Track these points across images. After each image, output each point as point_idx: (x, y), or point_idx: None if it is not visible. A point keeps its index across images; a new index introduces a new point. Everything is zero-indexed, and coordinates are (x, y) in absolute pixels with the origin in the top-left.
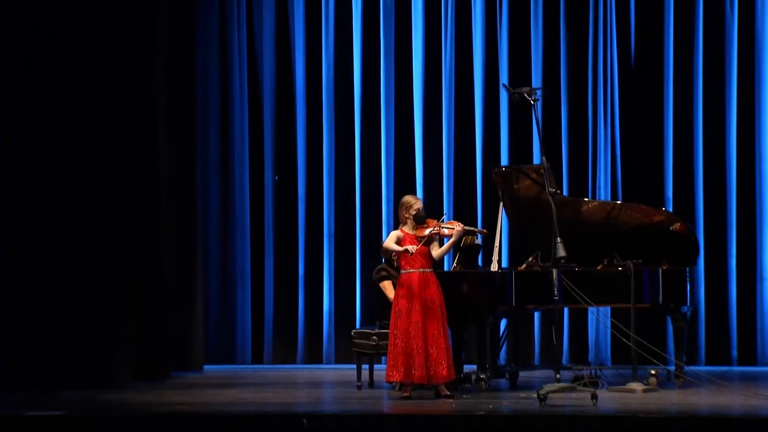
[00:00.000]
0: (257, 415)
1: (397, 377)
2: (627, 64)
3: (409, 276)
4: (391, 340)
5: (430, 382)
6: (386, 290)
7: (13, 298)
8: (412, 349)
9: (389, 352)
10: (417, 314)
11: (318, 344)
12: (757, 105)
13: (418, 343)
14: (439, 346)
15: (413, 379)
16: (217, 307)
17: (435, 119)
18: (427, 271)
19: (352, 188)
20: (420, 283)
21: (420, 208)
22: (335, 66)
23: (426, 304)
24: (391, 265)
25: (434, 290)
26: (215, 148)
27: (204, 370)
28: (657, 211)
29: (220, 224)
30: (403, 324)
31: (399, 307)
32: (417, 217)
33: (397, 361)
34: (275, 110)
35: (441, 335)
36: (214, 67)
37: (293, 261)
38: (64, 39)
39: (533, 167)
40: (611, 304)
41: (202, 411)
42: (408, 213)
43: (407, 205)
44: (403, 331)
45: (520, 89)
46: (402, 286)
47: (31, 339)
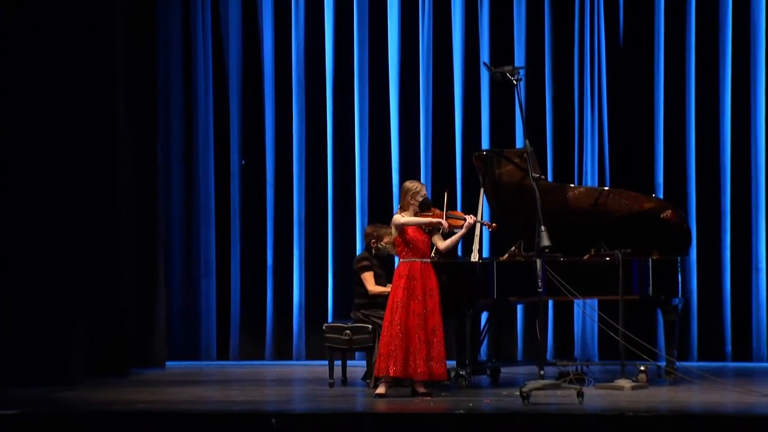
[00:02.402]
0: (223, 414)
1: (391, 372)
2: (615, 42)
3: (411, 265)
4: (386, 332)
5: (430, 378)
6: (367, 282)
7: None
8: (413, 344)
9: (383, 345)
10: (418, 305)
11: (288, 339)
12: (753, 86)
13: (420, 338)
14: (438, 341)
15: (412, 375)
16: (180, 299)
17: (412, 100)
18: (427, 261)
19: (324, 173)
20: (422, 273)
21: (425, 195)
22: (305, 43)
23: (427, 296)
24: (371, 254)
25: (434, 282)
26: (177, 129)
27: (166, 367)
28: (647, 197)
29: (183, 211)
30: (402, 317)
31: (398, 299)
32: (423, 204)
33: (396, 356)
34: (241, 90)
35: (440, 330)
36: (176, 45)
37: (261, 250)
38: (18, 15)
39: (516, 151)
40: (598, 296)
41: (164, 410)
42: (414, 199)
43: (413, 191)
44: (403, 324)
45: (502, 68)
46: (402, 276)
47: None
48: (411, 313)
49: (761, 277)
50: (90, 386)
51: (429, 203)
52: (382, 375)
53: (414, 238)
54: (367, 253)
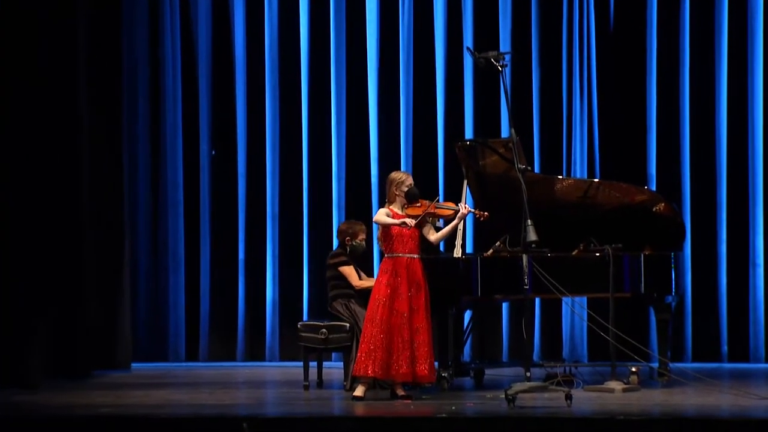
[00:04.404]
0: (192, 418)
1: (371, 372)
2: (605, 25)
3: (395, 261)
4: (367, 330)
5: (414, 380)
6: (350, 276)
7: None
8: (395, 343)
9: (363, 343)
10: (403, 304)
11: (260, 339)
12: (750, 71)
13: (403, 337)
14: (423, 341)
15: (394, 376)
16: (147, 296)
17: (392, 87)
18: (414, 256)
19: (299, 163)
20: (407, 270)
21: (412, 185)
22: (279, 27)
23: (412, 293)
24: (346, 251)
25: (421, 278)
26: (144, 115)
27: (131, 369)
28: (639, 190)
29: (150, 203)
30: (384, 314)
31: (381, 296)
32: (409, 194)
33: (375, 355)
34: (212, 75)
35: (425, 330)
36: (142, 27)
37: (233, 244)
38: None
39: (501, 141)
40: (588, 293)
41: (128, 414)
42: (399, 190)
43: (398, 182)
44: (385, 322)
45: (486, 54)
46: (386, 272)
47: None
48: (394, 311)
49: (759, 274)
50: (50, 389)
51: (416, 193)
52: (361, 375)
53: (399, 232)
54: (341, 250)
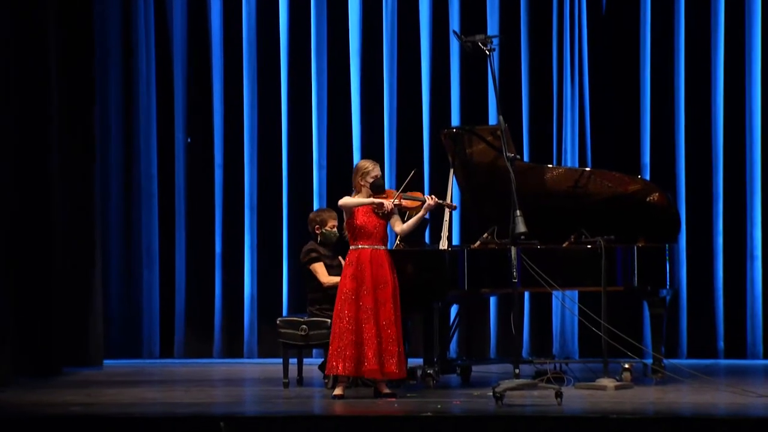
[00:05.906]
0: (166, 417)
1: (341, 369)
2: (598, 8)
3: (360, 253)
4: (335, 326)
5: (382, 377)
6: (318, 273)
7: None
8: (363, 339)
9: (333, 340)
10: (368, 298)
11: (238, 335)
12: (748, 57)
13: (370, 332)
14: (390, 337)
15: (363, 373)
16: (120, 291)
17: (375, 71)
18: (380, 248)
19: (278, 152)
20: (371, 262)
21: (378, 175)
22: (258, 8)
23: (378, 287)
24: (318, 242)
25: (387, 271)
26: (116, 104)
27: (104, 366)
28: (632, 179)
29: (122, 195)
30: (351, 310)
31: (346, 290)
32: (374, 185)
33: (344, 352)
34: (187, 59)
35: (393, 324)
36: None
37: (209, 238)
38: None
39: (489, 128)
40: (579, 287)
41: (100, 413)
42: (364, 180)
43: (363, 171)
44: (352, 317)
45: (473, 37)
46: (351, 265)
47: None
48: (360, 306)
49: (756, 266)
50: (19, 387)
51: (382, 185)
52: (332, 374)
53: (364, 223)
54: (313, 243)
